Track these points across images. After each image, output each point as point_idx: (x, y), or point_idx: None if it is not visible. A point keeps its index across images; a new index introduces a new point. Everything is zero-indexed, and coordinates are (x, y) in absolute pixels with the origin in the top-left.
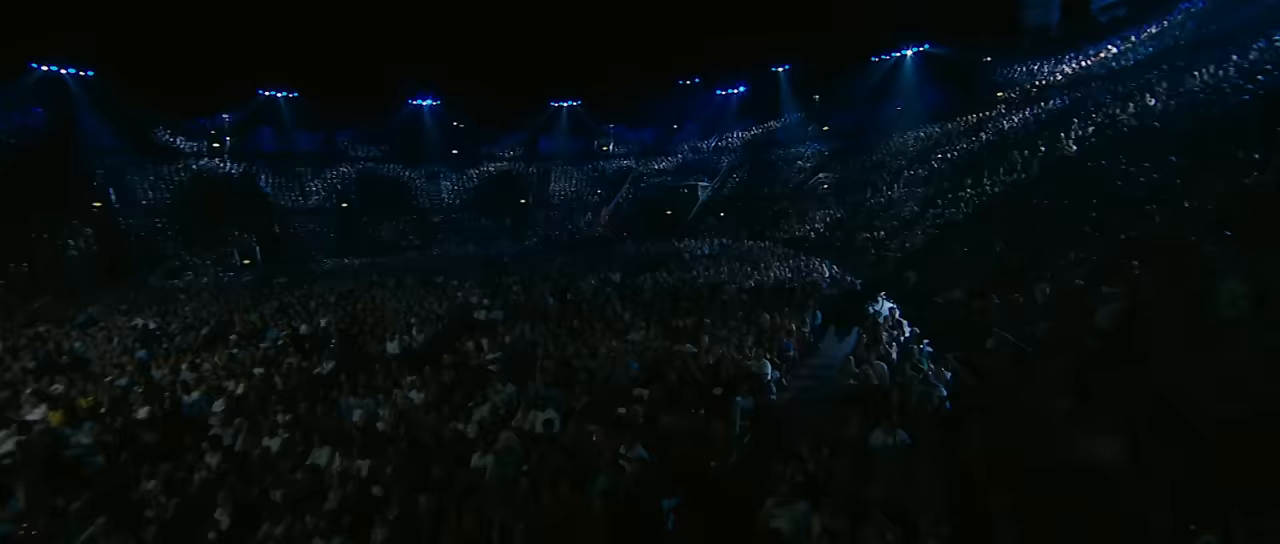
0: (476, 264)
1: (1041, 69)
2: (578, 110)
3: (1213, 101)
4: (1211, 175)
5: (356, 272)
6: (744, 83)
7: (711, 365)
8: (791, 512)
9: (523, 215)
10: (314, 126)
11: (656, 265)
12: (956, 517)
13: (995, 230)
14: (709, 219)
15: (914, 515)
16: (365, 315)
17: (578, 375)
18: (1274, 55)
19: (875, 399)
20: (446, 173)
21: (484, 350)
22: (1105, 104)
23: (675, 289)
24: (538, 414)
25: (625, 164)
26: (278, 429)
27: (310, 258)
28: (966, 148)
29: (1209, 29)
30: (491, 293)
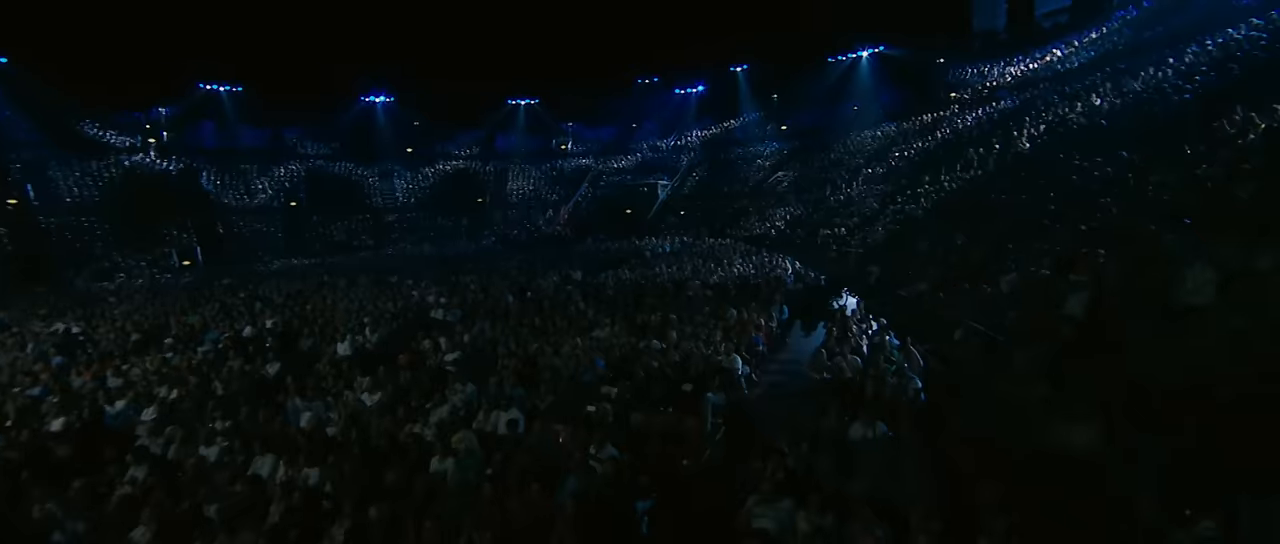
0: (433, 263)
1: (991, 71)
2: (535, 108)
3: (1155, 100)
4: (1164, 169)
5: (306, 272)
6: (703, 82)
7: (680, 361)
8: (775, 510)
9: (480, 214)
10: (259, 122)
11: (618, 263)
12: (945, 511)
13: (955, 225)
14: (669, 217)
15: (903, 511)
16: (315, 316)
17: (541, 373)
18: (1207, 58)
19: (851, 392)
20: (401, 171)
21: (442, 349)
22: (1054, 104)
23: (638, 286)
24: (500, 414)
25: (584, 163)
26: (215, 437)
27: (256, 258)
28: (923, 146)
29: (1145, 35)
30: (449, 292)
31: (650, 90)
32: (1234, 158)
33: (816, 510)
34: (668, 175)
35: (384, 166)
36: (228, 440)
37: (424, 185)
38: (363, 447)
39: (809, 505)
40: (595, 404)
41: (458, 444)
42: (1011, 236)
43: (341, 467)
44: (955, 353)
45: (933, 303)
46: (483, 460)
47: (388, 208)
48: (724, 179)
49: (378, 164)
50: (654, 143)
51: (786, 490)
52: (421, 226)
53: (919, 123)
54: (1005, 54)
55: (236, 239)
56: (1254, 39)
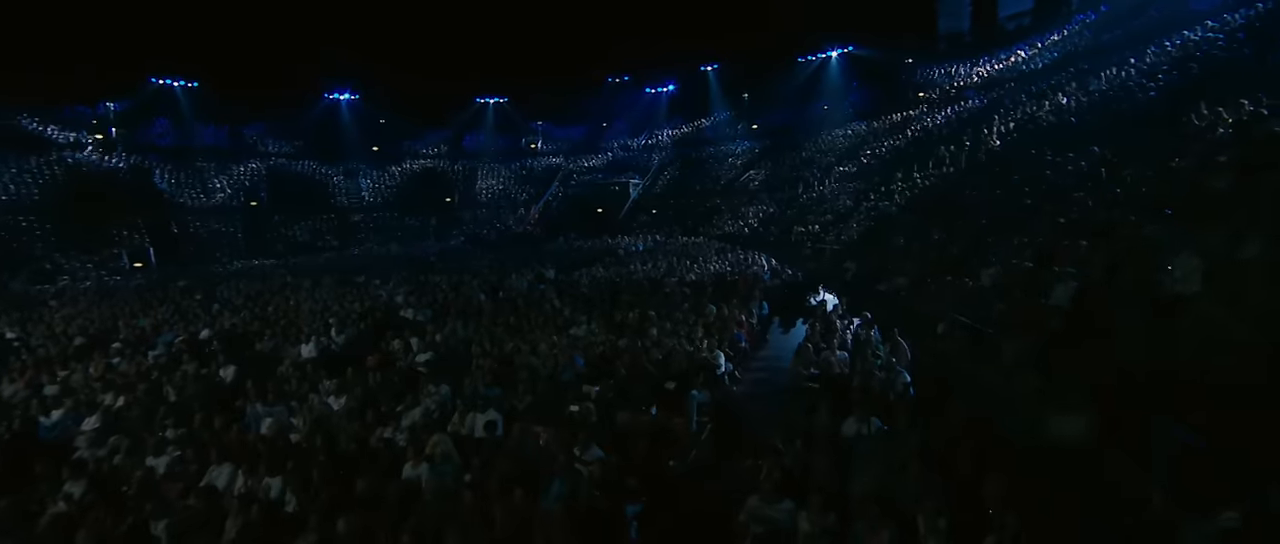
0: (401, 263)
1: (958, 71)
2: (504, 107)
3: (1121, 98)
4: (1137, 163)
5: (267, 273)
6: (673, 81)
7: (662, 359)
8: (776, 512)
9: (448, 214)
10: (217, 119)
11: (592, 261)
12: (952, 508)
13: (930, 221)
14: (641, 216)
15: (908, 509)
16: (277, 317)
17: (518, 373)
18: (1168, 58)
19: (840, 388)
20: (366, 170)
21: (413, 350)
22: (1021, 103)
23: (614, 284)
24: (477, 416)
25: (554, 162)
26: (165, 447)
27: (214, 259)
28: (894, 144)
29: (1105, 37)
30: (418, 291)
31: (620, 89)
32: (1207, 151)
33: (819, 511)
34: (639, 174)
35: (349, 165)
36: (180, 450)
37: (391, 185)
38: (330, 453)
39: (811, 506)
40: (577, 404)
41: (433, 449)
42: (989, 231)
43: (307, 475)
44: (942, 346)
45: (913, 297)
46: (460, 465)
47: (353, 207)
48: (696, 178)
49: (342, 163)
50: (625, 142)
51: (786, 491)
52: (388, 226)
53: (888, 122)
54: (970, 55)
55: (193, 239)
56: (1211, 40)
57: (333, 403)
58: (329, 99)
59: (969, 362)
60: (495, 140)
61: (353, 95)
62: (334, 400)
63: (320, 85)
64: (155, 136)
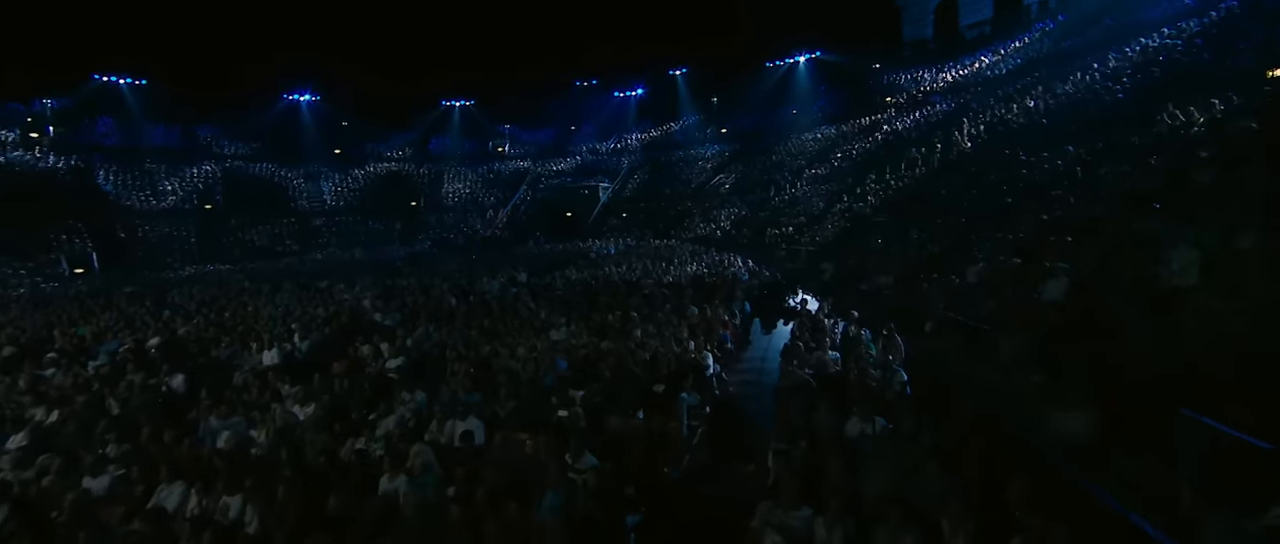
0: (366, 267)
1: (923, 76)
2: (471, 110)
3: (1089, 100)
4: (1114, 160)
5: (224, 278)
6: (641, 85)
7: (649, 361)
8: (794, 519)
9: (414, 218)
10: (169, 119)
11: (564, 264)
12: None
13: (907, 221)
14: (611, 220)
15: (931, 511)
16: (235, 323)
17: (497, 377)
18: (1130, 63)
19: (835, 387)
20: (328, 173)
21: (383, 355)
22: (989, 106)
23: (589, 286)
24: (457, 424)
25: (522, 165)
26: (106, 465)
27: (164, 264)
28: (864, 147)
29: (1065, 44)
30: (385, 295)
31: (588, 93)
32: (1186, 147)
33: (837, 516)
34: (608, 178)
35: (310, 168)
36: (122, 468)
37: (354, 188)
38: (297, 467)
39: (829, 511)
40: (565, 408)
41: (413, 460)
42: (971, 229)
43: (271, 492)
44: (934, 343)
45: (898, 296)
46: (442, 477)
47: (314, 211)
48: (666, 181)
49: (303, 165)
50: (593, 145)
51: (800, 496)
52: (351, 231)
53: (857, 125)
54: (935, 61)
55: (141, 244)
56: (1170, 47)
57: (298, 412)
58: (288, 100)
59: (963, 359)
60: (462, 143)
61: (313, 96)
62: (299, 409)
63: (279, 85)
64: (99, 136)
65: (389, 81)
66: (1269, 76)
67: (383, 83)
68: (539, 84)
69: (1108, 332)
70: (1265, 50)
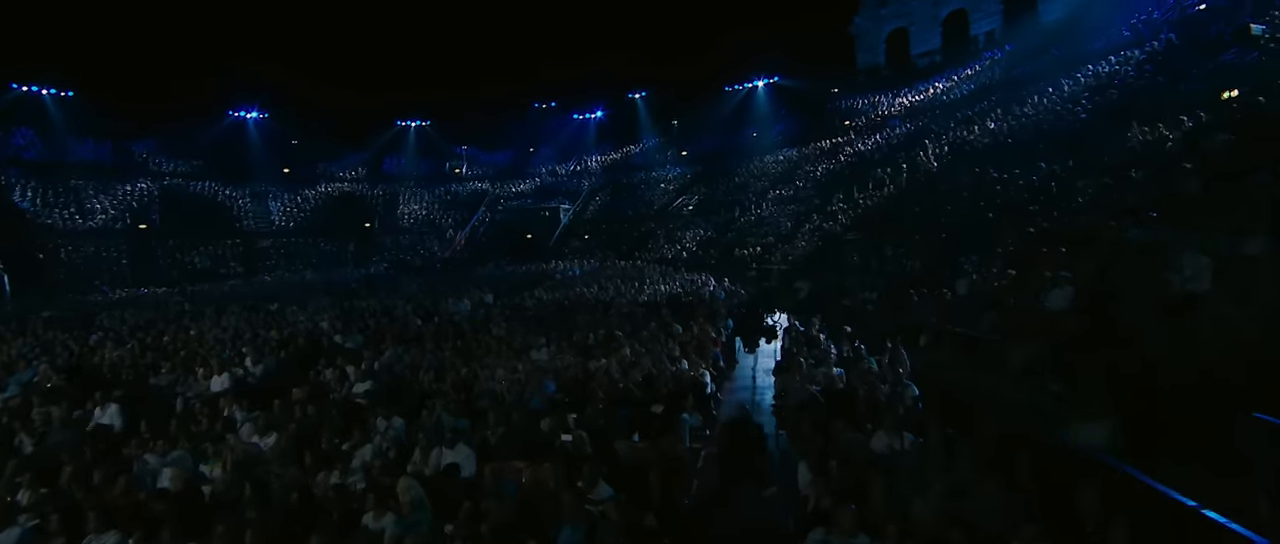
0: (319, 289)
1: (881, 101)
2: (427, 130)
3: (1052, 120)
4: (1092, 174)
5: (161, 301)
6: (600, 108)
7: (643, 380)
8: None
9: (368, 239)
10: (98, 133)
11: (531, 285)
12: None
13: (880, 238)
14: (572, 241)
15: (995, 532)
16: (176, 348)
17: (478, 401)
18: (1086, 87)
19: (846, 403)
20: (276, 192)
21: (350, 379)
22: (949, 128)
23: (563, 306)
24: (444, 452)
25: (480, 187)
26: (16, 515)
27: (91, 287)
28: (829, 167)
29: (1016, 71)
30: (344, 317)
31: (547, 115)
32: (1168, 160)
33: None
34: (569, 200)
35: (256, 187)
36: (37, 517)
37: (304, 208)
38: (263, 506)
39: (885, 537)
40: (568, 433)
41: (403, 494)
42: (952, 244)
43: (236, 537)
44: (934, 356)
45: (883, 311)
46: (433, 513)
47: (261, 232)
48: (627, 203)
49: (249, 184)
50: (552, 167)
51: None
52: (302, 252)
53: (818, 148)
54: (890, 87)
55: (63, 266)
56: (1122, 72)
57: (259, 443)
58: (234, 116)
59: (965, 370)
60: (418, 164)
61: (261, 113)
62: (260, 440)
63: (224, 102)
64: (16, 149)
65: (342, 100)
66: (1223, 98)
67: (335, 101)
68: (497, 105)
69: (1123, 340)
70: (1214, 75)
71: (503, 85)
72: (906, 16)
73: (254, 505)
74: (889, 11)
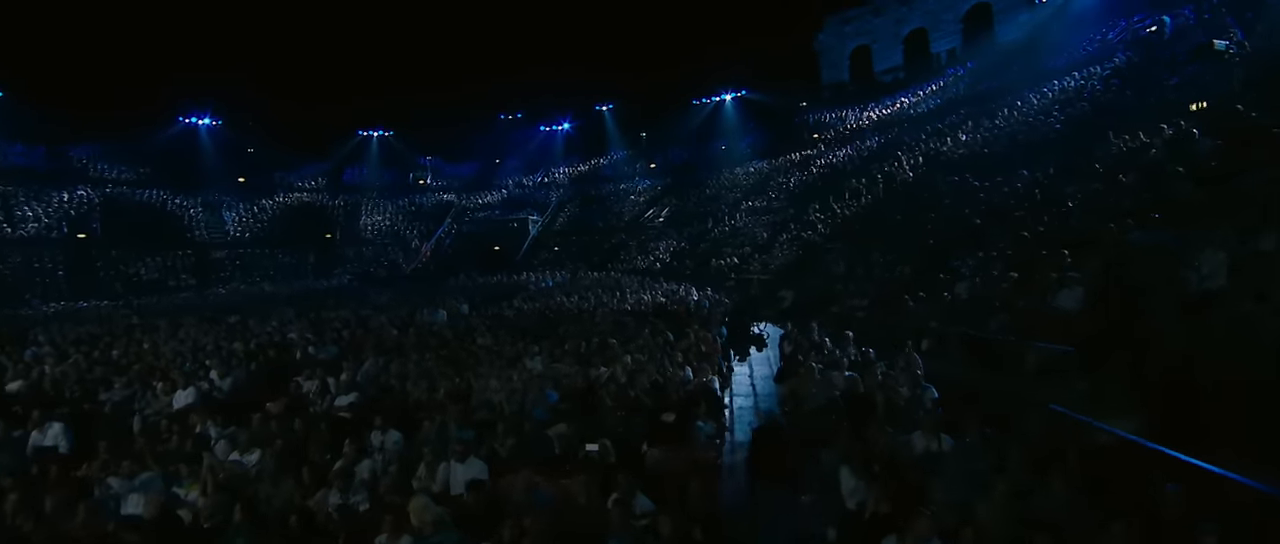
0: (281, 301)
1: (848, 115)
2: (390, 140)
3: (1027, 131)
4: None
5: (105, 314)
6: (567, 119)
7: (651, 387)
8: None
9: (329, 250)
10: (31, 137)
11: (507, 295)
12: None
13: (866, 245)
14: (542, 253)
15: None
16: (128, 361)
17: (476, 412)
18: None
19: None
20: (231, 202)
21: (331, 391)
22: (920, 140)
23: (545, 315)
24: (455, 467)
25: (446, 198)
26: None
27: (20, 300)
28: (802, 178)
29: (981, 87)
30: (315, 328)
31: (513, 126)
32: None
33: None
34: (537, 211)
35: (208, 196)
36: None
37: (261, 218)
38: (255, 532)
39: (962, 542)
40: (592, 443)
41: (421, 515)
42: (942, 250)
43: None
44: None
45: (877, 316)
46: (461, 537)
47: (215, 242)
48: (597, 215)
49: (201, 193)
50: (519, 179)
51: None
52: (259, 263)
53: (789, 160)
54: (855, 102)
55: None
56: (1089, 86)
57: (242, 460)
58: (184, 123)
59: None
60: (380, 174)
61: (213, 120)
62: (242, 457)
63: (173, 107)
64: None
65: (300, 108)
66: (1192, 109)
67: (293, 109)
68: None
69: (1143, 339)
70: (1182, 87)
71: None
72: (869, 34)
73: (245, 531)
74: (852, 29)
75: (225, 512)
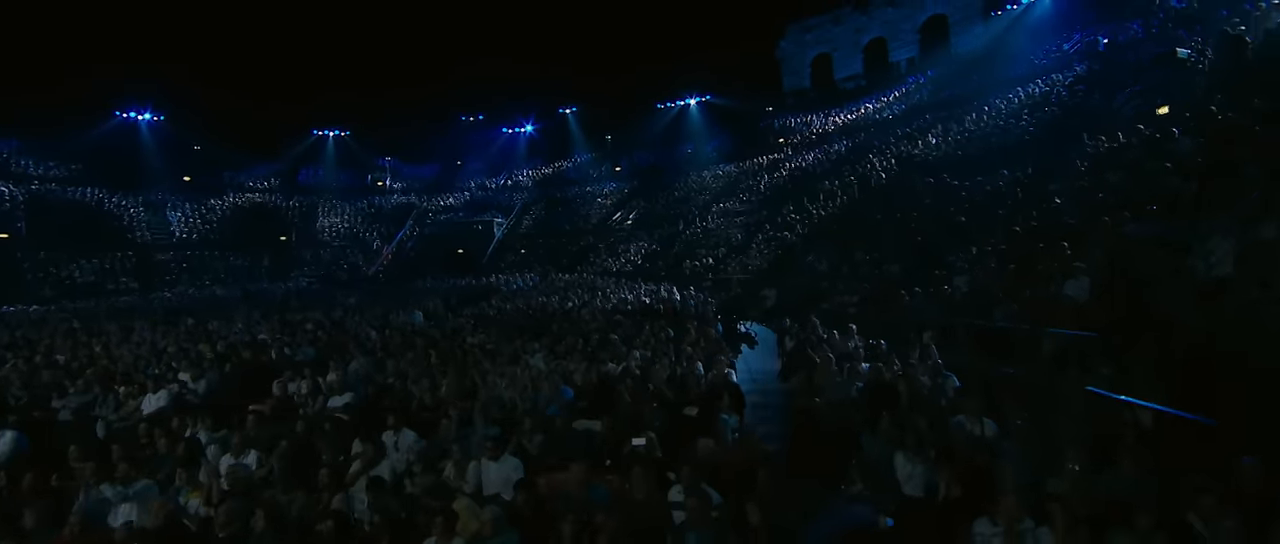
0: (238, 304)
1: (813, 120)
2: (346, 141)
3: (999, 134)
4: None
5: (37, 319)
6: (529, 121)
7: (668, 382)
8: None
9: (285, 253)
10: None
11: (482, 296)
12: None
13: (850, 244)
14: (508, 256)
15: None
16: (79, 366)
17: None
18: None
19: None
20: (176, 201)
21: (323, 391)
22: (890, 144)
23: (531, 314)
24: (488, 465)
25: (406, 200)
26: None
27: None
28: (773, 181)
29: (944, 94)
30: (288, 330)
31: (473, 128)
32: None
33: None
34: (501, 214)
35: (151, 195)
36: None
37: (210, 219)
38: (277, 539)
39: (1055, 520)
40: (639, 437)
41: (474, 518)
42: (931, 246)
43: None
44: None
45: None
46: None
47: (159, 244)
48: (563, 218)
49: (142, 192)
50: (482, 181)
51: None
52: (209, 266)
53: (757, 163)
54: (818, 108)
55: None
56: (1055, 92)
57: (247, 462)
58: (122, 118)
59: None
60: (337, 175)
61: (155, 116)
62: (236, 459)
63: (108, 101)
64: None
65: (251, 105)
66: (1157, 113)
67: (243, 106)
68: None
69: (1161, 324)
70: (1147, 93)
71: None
72: (829, 43)
73: (269, 538)
74: (813, 37)
75: (241, 519)
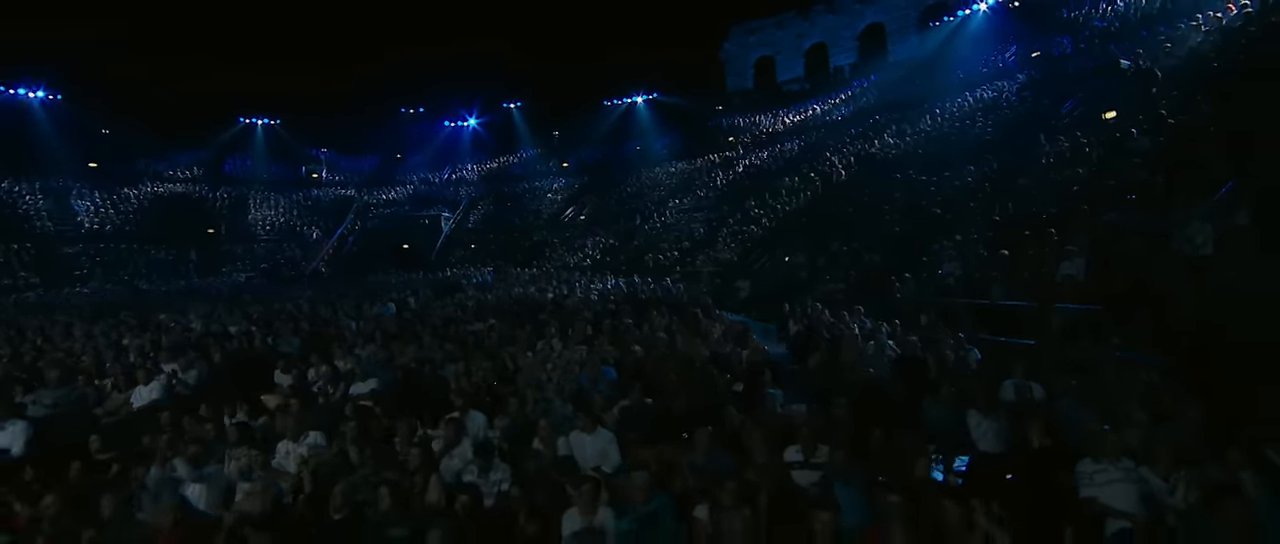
0: (179, 298)
1: (761, 121)
2: (277, 130)
3: (957, 134)
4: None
5: None
6: (474, 114)
7: (709, 360)
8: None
9: (214, 246)
10: None
11: (452, 290)
12: None
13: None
14: (457, 251)
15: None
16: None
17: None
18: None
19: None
20: (83, 189)
21: (343, 377)
22: (846, 142)
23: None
24: (584, 438)
25: (345, 193)
26: None
27: None
28: (729, 178)
29: (889, 97)
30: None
31: (414, 120)
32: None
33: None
34: (448, 208)
35: (50, 183)
36: None
37: (124, 210)
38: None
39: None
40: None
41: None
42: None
43: None
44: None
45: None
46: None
47: (65, 236)
48: (513, 213)
49: (40, 179)
50: (425, 175)
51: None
52: (126, 260)
53: (709, 161)
54: (761, 109)
55: None
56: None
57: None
58: (10, 94)
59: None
60: (268, 166)
61: (50, 94)
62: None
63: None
64: None
65: (168, 89)
66: (1104, 118)
67: (158, 89)
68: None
69: (1159, 298)
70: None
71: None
72: (772, 46)
73: (396, 519)
74: (756, 40)
75: (356, 498)
